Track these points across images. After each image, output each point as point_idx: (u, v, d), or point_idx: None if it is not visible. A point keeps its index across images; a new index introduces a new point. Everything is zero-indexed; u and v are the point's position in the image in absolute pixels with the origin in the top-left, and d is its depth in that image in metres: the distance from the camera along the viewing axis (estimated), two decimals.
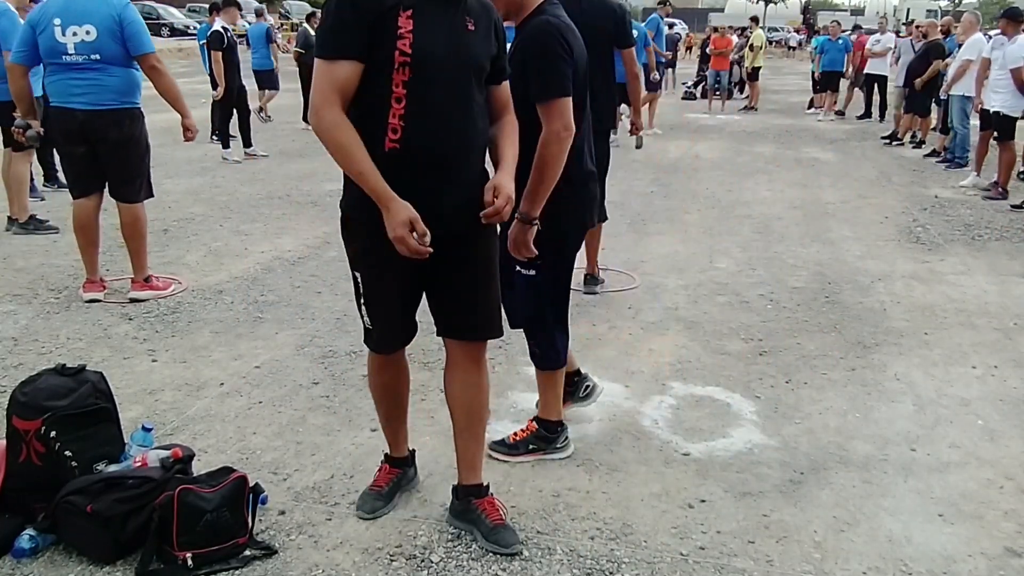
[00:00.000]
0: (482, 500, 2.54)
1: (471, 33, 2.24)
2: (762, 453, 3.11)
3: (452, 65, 2.20)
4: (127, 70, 4.34)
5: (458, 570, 2.38)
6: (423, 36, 2.15)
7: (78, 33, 4.20)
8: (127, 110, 4.36)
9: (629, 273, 5.29)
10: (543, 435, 3.01)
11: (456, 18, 2.22)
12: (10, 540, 2.38)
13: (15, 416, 2.49)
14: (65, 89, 4.27)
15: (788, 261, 5.74)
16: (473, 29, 2.25)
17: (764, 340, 4.25)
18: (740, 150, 11.02)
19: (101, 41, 4.22)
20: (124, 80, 4.33)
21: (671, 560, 2.46)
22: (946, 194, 8.30)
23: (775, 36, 39.12)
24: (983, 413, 3.49)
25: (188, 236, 6.03)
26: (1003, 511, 2.77)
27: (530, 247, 2.64)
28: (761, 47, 16.38)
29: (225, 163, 8.99)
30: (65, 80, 4.26)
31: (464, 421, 2.52)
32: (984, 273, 5.56)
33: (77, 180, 4.45)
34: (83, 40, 4.21)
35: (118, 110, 4.31)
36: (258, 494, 2.51)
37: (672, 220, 6.95)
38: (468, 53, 2.24)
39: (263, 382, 3.61)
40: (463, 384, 2.49)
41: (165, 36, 30.68)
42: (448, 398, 2.53)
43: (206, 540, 2.33)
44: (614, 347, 4.12)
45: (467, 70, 2.24)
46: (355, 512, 2.63)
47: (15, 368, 3.66)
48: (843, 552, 2.52)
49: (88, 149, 4.31)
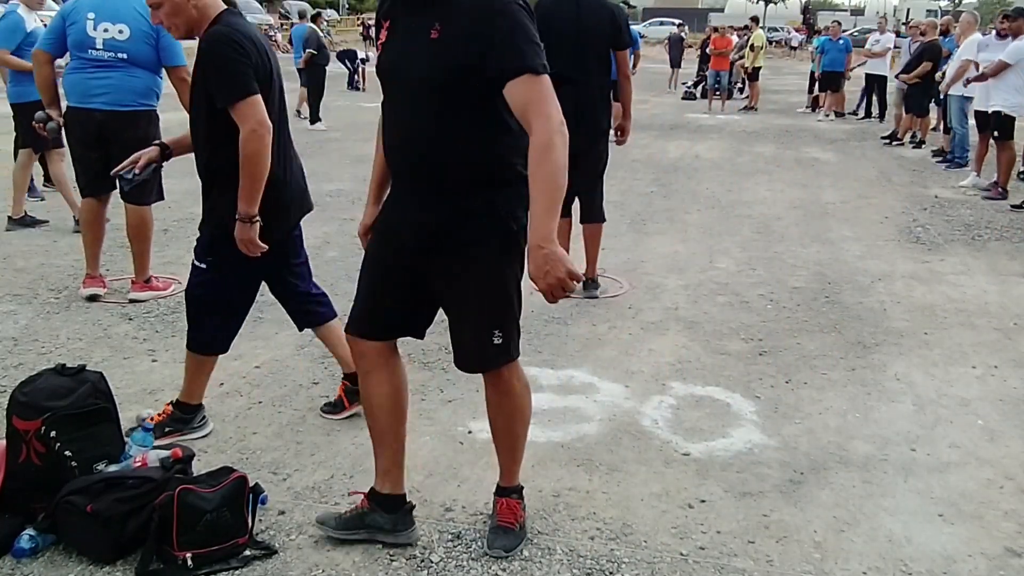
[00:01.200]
0: (502, 499, 2.55)
1: (433, 41, 2.08)
2: (762, 453, 3.11)
3: (404, 79, 2.17)
4: (151, 75, 4.34)
5: (458, 570, 2.38)
6: (386, 49, 2.23)
7: (110, 30, 4.20)
8: (145, 111, 4.36)
9: (617, 279, 5.21)
10: (179, 417, 3.07)
11: (421, 26, 2.10)
12: (10, 540, 2.38)
13: (15, 416, 2.49)
14: (85, 88, 4.25)
15: (788, 261, 5.74)
16: (437, 36, 2.08)
17: (764, 340, 4.25)
18: (740, 150, 11.02)
19: (132, 42, 4.22)
20: (146, 83, 4.33)
21: (671, 560, 2.46)
22: (946, 194, 8.30)
23: (775, 36, 39.10)
24: (983, 413, 3.49)
25: (188, 236, 6.01)
26: (1003, 511, 2.77)
27: (257, 243, 2.79)
28: (761, 47, 16.39)
29: None
30: (86, 78, 4.25)
31: (493, 432, 2.52)
32: (984, 273, 5.56)
33: (89, 183, 4.45)
34: (114, 38, 4.21)
35: (137, 111, 4.31)
36: (258, 494, 2.51)
37: (672, 220, 6.95)
38: (422, 65, 2.11)
39: (263, 382, 3.61)
40: (486, 401, 2.47)
41: None
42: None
43: (206, 540, 2.33)
44: (614, 347, 4.12)
45: (424, 83, 2.12)
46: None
47: (15, 368, 3.66)
48: (843, 552, 2.52)
49: (102, 153, 4.28)
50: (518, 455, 2.54)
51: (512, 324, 2.32)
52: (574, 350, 4.06)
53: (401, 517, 2.48)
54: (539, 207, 2.00)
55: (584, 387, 3.64)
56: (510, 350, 2.32)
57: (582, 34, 4.47)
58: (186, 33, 2.86)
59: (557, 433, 3.22)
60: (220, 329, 3.03)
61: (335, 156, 9.66)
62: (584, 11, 4.47)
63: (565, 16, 4.44)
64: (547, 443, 3.13)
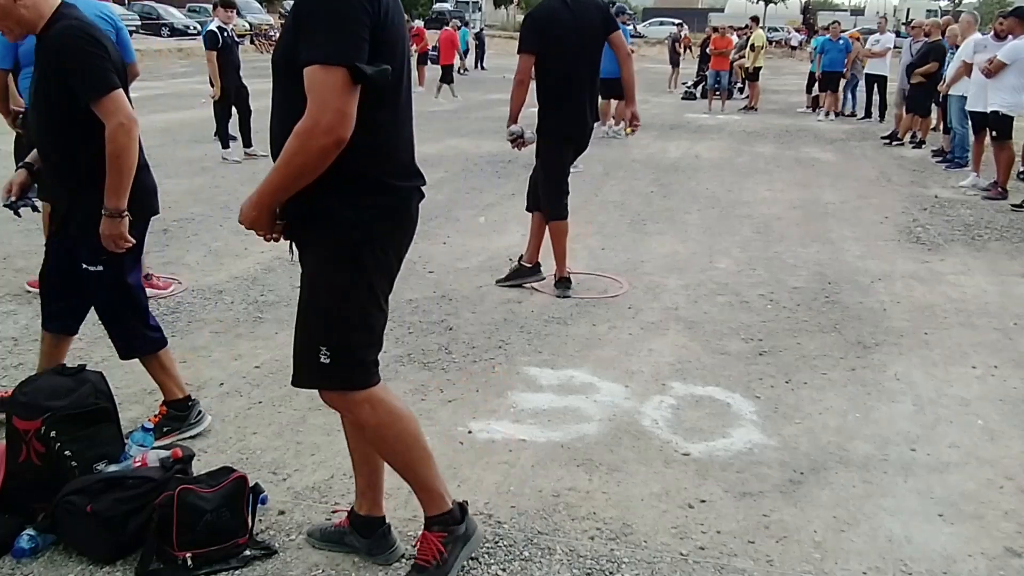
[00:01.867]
0: (423, 531, 2.35)
1: (285, 29, 2.04)
2: (762, 453, 3.11)
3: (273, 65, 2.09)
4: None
5: (458, 570, 2.38)
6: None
7: None
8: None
9: (617, 279, 5.21)
10: (175, 415, 3.06)
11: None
12: (10, 540, 2.38)
13: (15, 416, 2.49)
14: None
15: (788, 261, 5.74)
16: (286, 23, 2.05)
17: (764, 340, 4.25)
18: (740, 150, 11.02)
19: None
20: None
21: (671, 560, 2.46)
22: (946, 194, 8.30)
23: (775, 36, 39.11)
24: (983, 413, 3.49)
25: (188, 236, 6.03)
26: (1003, 511, 2.77)
27: (126, 237, 2.74)
28: (761, 47, 16.39)
29: (225, 163, 8.99)
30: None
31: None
32: (984, 273, 5.56)
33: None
34: None
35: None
36: (258, 494, 2.51)
37: (672, 220, 6.94)
38: (276, 52, 2.06)
39: (263, 382, 3.61)
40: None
41: (165, 36, 30.70)
42: None
43: (206, 540, 2.33)
44: (614, 347, 4.12)
45: (275, 71, 2.04)
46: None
47: (15, 368, 3.66)
48: (843, 552, 2.52)
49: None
50: (417, 483, 2.29)
51: (346, 346, 2.07)
52: (574, 350, 4.06)
53: (376, 542, 2.39)
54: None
55: (584, 387, 3.64)
56: (348, 376, 2.09)
57: (579, 36, 4.64)
58: (21, 35, 2.75)
59: (557, 433, 3.22)
60: (147, 321, 3.01)
61: None
62: (577, 13, 4.62)
63: (561, 20, 4.59)
64: (547, 443, 3.13)
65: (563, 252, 4.90)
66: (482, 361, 3.88)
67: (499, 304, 4.66)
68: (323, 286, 2.08)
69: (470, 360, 3.89)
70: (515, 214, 6.96)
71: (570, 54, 4.58)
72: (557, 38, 4.56)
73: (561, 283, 4.87)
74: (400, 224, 2.12)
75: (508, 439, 3.15)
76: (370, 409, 2.15)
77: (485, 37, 29.24)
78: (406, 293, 4.74)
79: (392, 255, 2.13)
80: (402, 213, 2.11)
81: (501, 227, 6.52)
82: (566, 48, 4.57)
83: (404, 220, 2.13)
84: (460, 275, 5.18)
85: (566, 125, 4.72)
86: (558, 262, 4.90)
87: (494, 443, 3.13)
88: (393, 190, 2.06)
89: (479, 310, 4.56)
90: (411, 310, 4.53)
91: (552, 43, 4.56)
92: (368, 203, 2.03)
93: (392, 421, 2.18)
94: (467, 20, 40.81)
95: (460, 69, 24.75)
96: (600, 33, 4.69)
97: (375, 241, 2.06)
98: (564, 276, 4.90)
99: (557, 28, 4.56)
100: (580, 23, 4.61)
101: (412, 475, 2.28)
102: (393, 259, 2.14)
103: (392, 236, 2.10)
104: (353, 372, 2.10)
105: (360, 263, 2.05)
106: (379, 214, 2.04)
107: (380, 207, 2.03)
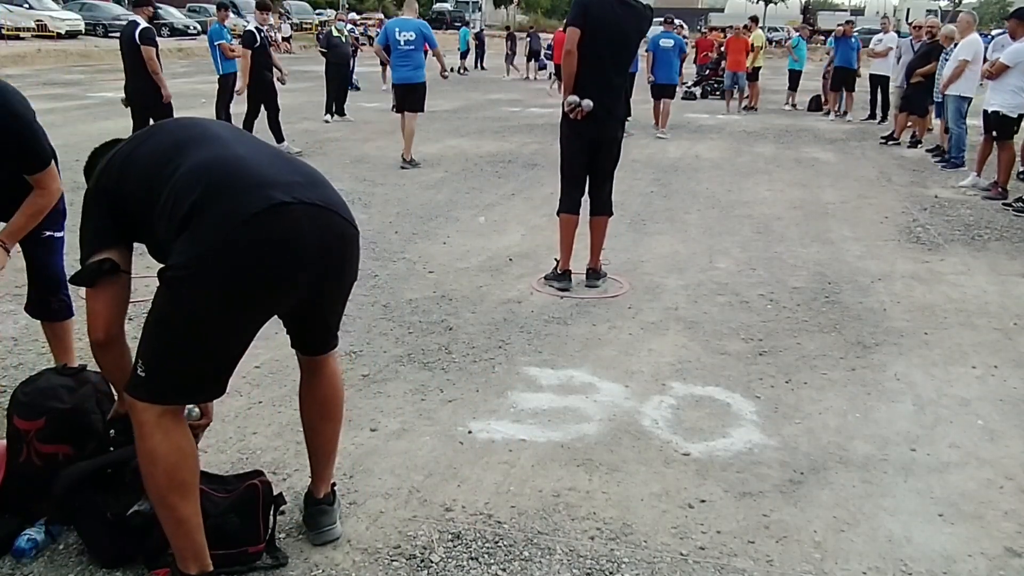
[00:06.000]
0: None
1: None
2: (762, 453, 3.11)
3: None
4: None
5: (458, 570, 2.38)
6: None
7: None
8: None
9: (617, 279, 5.20)
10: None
11: None
12: (10, 540, 2.38)
13: (16, 416, 2.49)
14: None
15: (788, 261, 5.74)
16: None
17: (764, 340, 4.25)
18: (740, 150, 11.02)
19: None
20: None
21: (671, 560, 2.46)
22: (946, 194, 8.30)
23: (775, 36, 39.07)
24: (983, 413, 3.49)
25: None
26: (1003, 511, 2.77)
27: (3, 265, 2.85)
28: (761, 47, 16.37)
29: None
30: None
31: None
32: (984, 273, 5.56)
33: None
34: None
35: None
36: (278, 504, 2.47)
37: (672, 220, 6.95)
38: None
39: (263, 382, 3.61)
40: None
41: (165, 36, 30.69)
42: None
43: (210, 543, 2.30)
44: (614, 347, 4.12)
45: None
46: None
47: (15, 368, 3.66)
48: (843, 552, 2.52)
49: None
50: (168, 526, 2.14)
51: (158, 367, 2.09)
52: (574, 350, 4.06)
53: (311, 517, 2.51)
54: None
55: (584, 387, 3.64)
56: (150, 390, 2.08)
57: (624, 35, 4.76)
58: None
59: (557, 433, 3.22)
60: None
61: (335, 156, 9.66)
62: (624, 15, 4.72)
63: (610, 19, 4.67)
64: (547, 443, 3.13)
65: (569, 245, 4.96)
66: (482, 361, 3.88)
67: (499, 304, 4.66)
68: (156, 308, 2.16)
69: (470, 360, 3.89)
70: (515, 214, 6.96)
71: (603, 47, 4.65)
72: (598, 27, 4.61)
73: (560, 276, 4.95)
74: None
75: (508, 439, 3.16)
76: (157, 424, 2.07)
77: (485, 37, 29.24)
78: (406, 293, 4.74)
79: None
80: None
81: (501, 227, 6.52)
82: (600, 41, 4.63)
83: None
84: (460, 275, 5.18)
85: (580, 121, 4.73)
86: (562, 254, 4.97)
87: (494, 443, 3.13)
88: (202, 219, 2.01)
89: (479, 310, 4.57)
90: (411, 310, 4.53)
91: (591, 29, 4.62)
92: (188, 234, 2.02)
93: (174, 448, 2.08)
94: (467, 20, 40.78)
95: (460, 69, 24.78)
96: (638, 37, 4.85)
97: (193, 275, 2.02)
98: (566, 270, 4.96)
99: (601, 16, 4.62)
100: (624, 23, 4.70)
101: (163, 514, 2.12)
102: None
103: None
104: (154, 387, 2.10)
105: (178, 294, 2.07)
106: (193, 245, 1.99)
107: (194, 237, 2.00)
